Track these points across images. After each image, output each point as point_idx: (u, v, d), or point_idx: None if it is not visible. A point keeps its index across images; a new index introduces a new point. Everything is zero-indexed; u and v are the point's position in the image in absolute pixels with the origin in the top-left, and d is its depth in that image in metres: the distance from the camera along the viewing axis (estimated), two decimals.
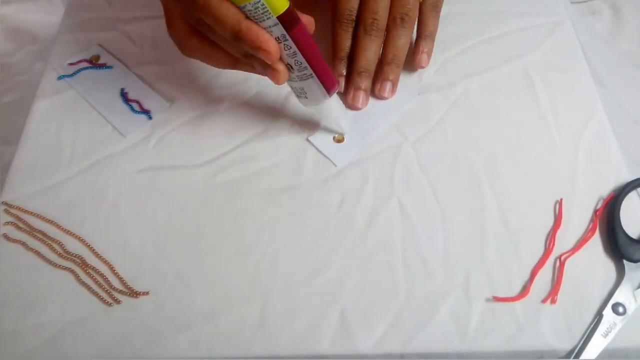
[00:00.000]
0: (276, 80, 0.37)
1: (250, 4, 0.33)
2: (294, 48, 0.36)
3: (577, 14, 0.69)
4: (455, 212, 0.40)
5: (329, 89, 0.39)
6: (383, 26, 0.45)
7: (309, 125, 0.44)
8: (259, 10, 0.34)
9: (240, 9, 0.34)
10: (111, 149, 0.43)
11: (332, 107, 0.41)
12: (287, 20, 0.35)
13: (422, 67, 0.46)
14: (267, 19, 0.34)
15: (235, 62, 0.39)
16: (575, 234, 0.39)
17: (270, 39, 0.35)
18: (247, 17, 0.34)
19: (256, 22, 0.35)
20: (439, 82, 0.47)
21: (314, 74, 0.38)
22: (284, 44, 0.36)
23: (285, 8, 0.34)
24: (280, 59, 0.36)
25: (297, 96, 0.41)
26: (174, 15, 0.38)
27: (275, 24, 0.35)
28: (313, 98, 0.40)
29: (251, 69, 0.39)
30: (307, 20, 0.37)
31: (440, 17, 0.47)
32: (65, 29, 0.51)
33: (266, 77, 0.38)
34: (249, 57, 0.37)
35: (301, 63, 0.37)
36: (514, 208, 0.40)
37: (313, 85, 0.39)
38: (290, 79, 0.38)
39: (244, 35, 0.34)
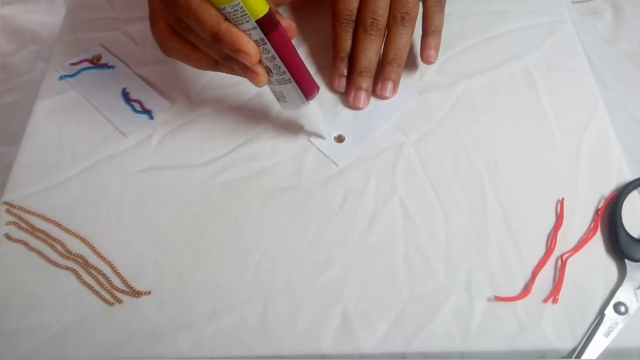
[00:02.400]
0: (256, 82, 0.37)
1: (229, 6, 0.34)
2: (272, 52, 0.36)
3: (578, 14, 0.69)
4: (456, 211, 0.40)
5: (307, 94, 0.39)
6: (383, 26, 0.45)
7: None
8: (237, 13, 0.34)
9: (220, 10, 0.34)
10: (113, 149, 0.44)
11: (311, 112, 0.41)
12: (266, 24, 0.35)
13: (431, 63, 0.46)
14: (246, 22, 0.34)
15: (214, 64, 0.39)
16: (576, 234, 0.39)
17: (249, 42, 0.35)
18: (227, 19, 0.35)
19: (235, 25, 0.35)
20: (440, 81, 0.47)
21: (292, 79, 0.38)
22: (263, 48, 0.36)
23: (265, 12, 0.34)
24: (260, 62, 0.37)
25: (277, 100, 0.41)
26: (156, 16, 0.39)
27: (254, 27, 0.35)
28: (292, 102, 0.40)
29: (231, 71, 0.39)
30: (288, 26, 0.37)
31: None
32: (66, 29, 0.51)
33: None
34: (228, 60, 0.37)
35: (279, 67, 0.37)
36: (515, 207, 0.40)
37: (291, 90, 0.39)
38: (270, 82, 0.39)
39: (223, 37, 0.34)
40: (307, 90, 0.39)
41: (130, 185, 0.42)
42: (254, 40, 0.35)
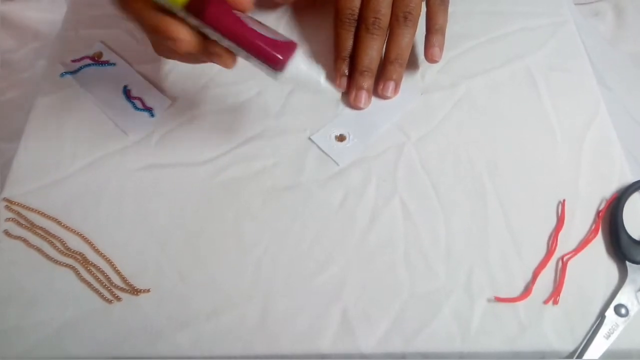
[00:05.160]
0: (223, 65, 0.36)
1: None
2: (217, 33, 0.34)
3: (581, 15, 0.68)
4: (457, 211, 0.40)
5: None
6: (385, 25, 0.45)
7: (311, 124, 0.44)
8: (167, 4, 0.33)
9: (158, 5, 0.34)
10: (113, 147, 0.43)
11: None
12: (192, 7, 0.33)
13: (435, 62, 0.46)
14: (179, 11, 0.34)
15: (196, 58, 0.37)
16: (577, 235, 0.39)
17: (181, 28, 0.34)
18: (164, 12, 0.34)
19: (172, 15, 0.34)
20: (442, 81, 0.47)
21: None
22: (207, 31, 0.34)
23: None
24: (215, 43, 0.35)
25: (267, 74, 0.37)
26: None
27: (187, 14, 0.34)
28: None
29: (207, 59, 0.37)
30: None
31: None
32: (68, 26, 0.51)
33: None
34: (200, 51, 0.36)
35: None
36: (516, 208, 0.40)
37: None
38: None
39: (159, 27, 0.34)
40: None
41: (130, 183, 0.42)
42: (195, 26, 0.34)
